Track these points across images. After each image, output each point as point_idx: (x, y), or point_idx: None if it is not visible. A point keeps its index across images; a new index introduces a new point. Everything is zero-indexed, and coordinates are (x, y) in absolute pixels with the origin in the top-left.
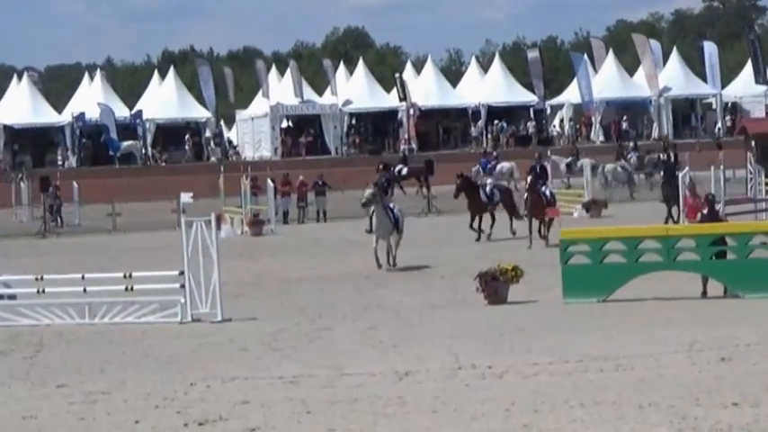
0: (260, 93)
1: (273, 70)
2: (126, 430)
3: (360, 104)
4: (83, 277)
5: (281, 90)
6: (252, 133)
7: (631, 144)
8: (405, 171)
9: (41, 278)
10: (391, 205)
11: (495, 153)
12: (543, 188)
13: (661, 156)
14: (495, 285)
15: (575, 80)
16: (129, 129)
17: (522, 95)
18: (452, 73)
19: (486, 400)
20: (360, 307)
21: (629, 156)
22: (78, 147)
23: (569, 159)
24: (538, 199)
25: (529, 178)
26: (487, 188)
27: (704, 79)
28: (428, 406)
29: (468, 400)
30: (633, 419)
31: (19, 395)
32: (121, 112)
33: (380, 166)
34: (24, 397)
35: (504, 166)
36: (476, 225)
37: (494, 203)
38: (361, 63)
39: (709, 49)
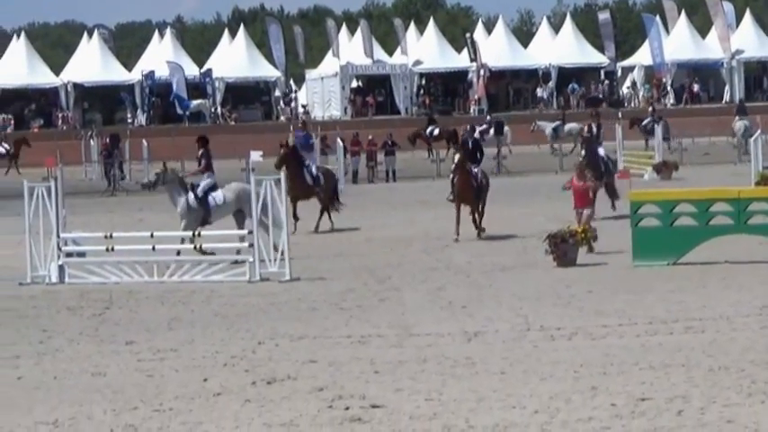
0: (330, 52)
1: (344, 29)
2: (194, 388)
3: (430, 65)
4: (152, 235)
5: (352, 50)
6: (322, 93)
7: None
8: (436, 132)
9: (110, 236)
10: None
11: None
12: (600, 151)
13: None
14: (564, 247)
15: (646, 42)
16: (198, 87)
17: (593, 57)
18: (523, 34)
19: (554, 362)
20: (428, 268)
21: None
22: (147, 105)
23: (556, 124)
24: (467, 181)
25: (456, 156)
26: (312, 169)
27: None
28: (496, 367)
29: (537, 362)
30: (703, 382)
31: (88, 352)
32: (191, 70)
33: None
34: (93, 354)
35: (574, 127)
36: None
37: (321, 186)
38: (431, 23)
39: None
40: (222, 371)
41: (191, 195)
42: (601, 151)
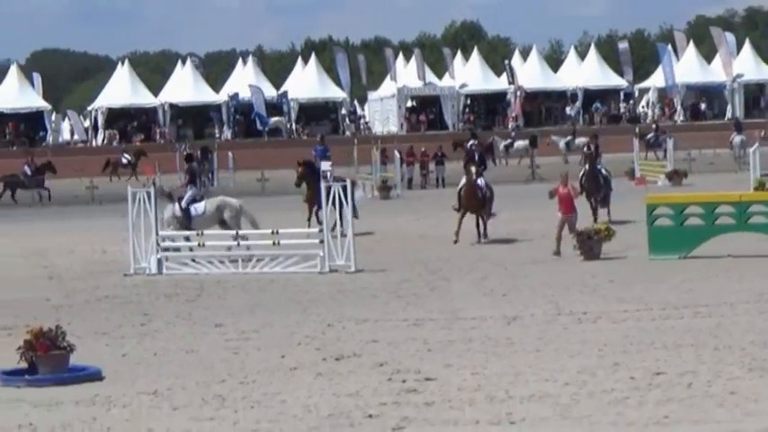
0: (388, 76)
1: (400, 57)
2: (273, 363)
3: (474, 87)
4: (237, 233)
5: (407, 74)
6: (381, 111)
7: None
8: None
9: (201, 233)
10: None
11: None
12: (598, 166)
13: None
14: (589, 243)
15: (659, 67)
16: (276, 107)
17: (614, 80)
18: (553, 60)
19: (581, 342)
20: (473, 261)
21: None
22: (232, 122)
23: (567, 139)
24: (473, 191)
25: (473, 169)
26: (329, 178)
27: None
28: (532, 346)
29: (567, 342)
30: (709, 359)
31: (182, 333)
32: (269, 92)
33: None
34: (187, 334)
35: (583, 141)
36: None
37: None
38: (475, 51)
39: None
40: (297, 349)
41: (176, 206)
42: (599, 166)
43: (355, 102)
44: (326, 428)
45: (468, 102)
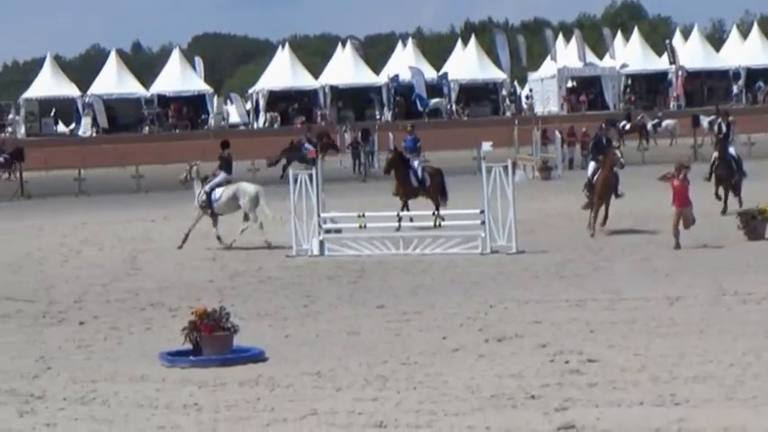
0: (548, 57)
1: (560, 38)
2: (435, 345)
3: (634, 67)
4: (398, 214)
5: (567, 55)
6: (541, 92)
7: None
8: (627, 126)
9: (363, 215)
10: (732, 151)
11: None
12: (731, 150)
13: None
14: (753, 223)
15: None
16: (436, 88)
17: None
18: (715, 40)
19: (746, 323)
20: (635, 242)
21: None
22: (393, 103)
23: (711, 118)
24: (610, 179)
25: (615, 152)
26: (418, 171)
27: None
28: (696, 327)
29: (731, 323)
30: None
31: (344, 314)
32: (429, 73)
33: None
34: (349, 316)
35: (669, 123)
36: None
37: (425, 187)
38: (636, 31)
39: None
40: (459, 330)
41: (201, 190)
42: (732, 150)
43: (515, 83)
44: (489, 409)
45: (629, 82)
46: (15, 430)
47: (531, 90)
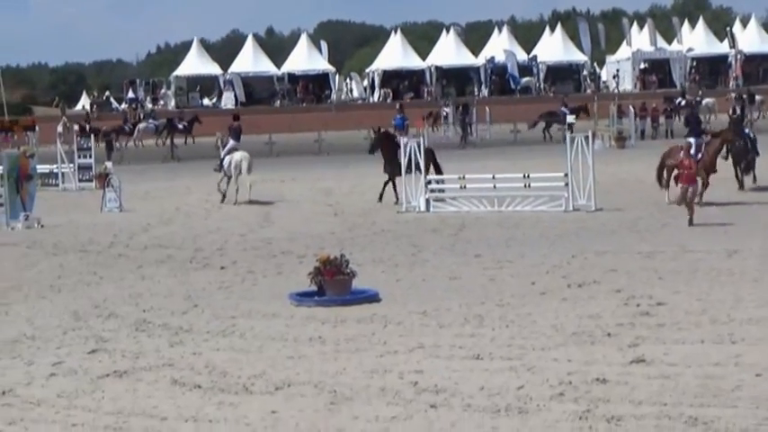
0: (624, 42)
1: (635, 26)
2: (524, 289)
3: (699, 51)
4: (493, 177)
5: (640, 40)
6: (618, 72)
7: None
8: (683, 103)
9: (463, 177)
10: (747, 131)
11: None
12: (745, 129)
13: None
14: None
15: None
16: (526, 69)
17: None
18: None
19: None
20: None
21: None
22: (489, 82)
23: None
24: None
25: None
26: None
27: None
28: (750, 276)
29: None
30: None
31: (447, 262)
32: (521, 56)
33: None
34: (451, 263)
35: (709, 101)
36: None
37: (417, 164)
38: (700, 20)
39: None
40: (545, 277)
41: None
42: (746, 130)
43: (594, 64)
44: (571, 345)
45: (694, 64)
46: (166, 358)
47: (617, 71)
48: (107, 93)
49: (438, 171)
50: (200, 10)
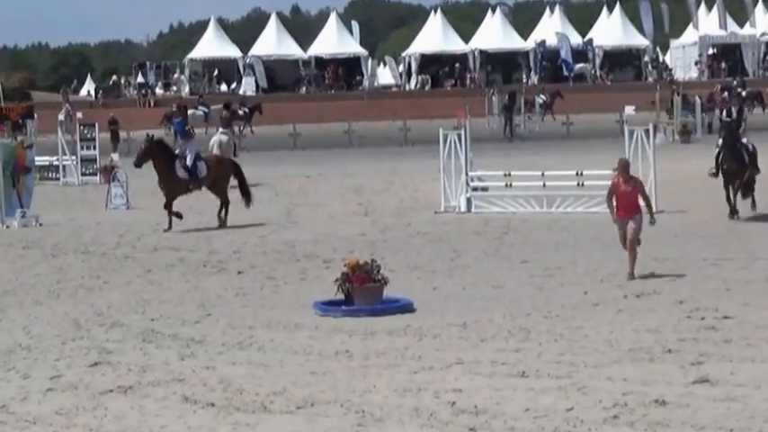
0: (690, 25)
1: (702, 6)
2: (576, 299)
3: None
4: (542, 174)
5: (708, 22)
6: (683, 58)
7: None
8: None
9: (509, 174)
10: (745, 140)
11: None
12: (743, 139)
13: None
14: None
15: None
16: (581, 53)
17: None
18: None
19: None
20: None
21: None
22: (539, 68)
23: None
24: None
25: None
26: (188, 159)
27: None
28: None
29: None
30: None
31: (489, 268)
32: (575, 39)
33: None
34: (494, 270)
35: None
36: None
37: (198, 180)
38: None
39: None
40: (599, 285)
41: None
42: (745, 140)
43: (657, 49)
44: (627, 362)
45: None
46: (176, 372)
47: (700, 55)
48: (113, 77)
49: (244, 192)
50: None
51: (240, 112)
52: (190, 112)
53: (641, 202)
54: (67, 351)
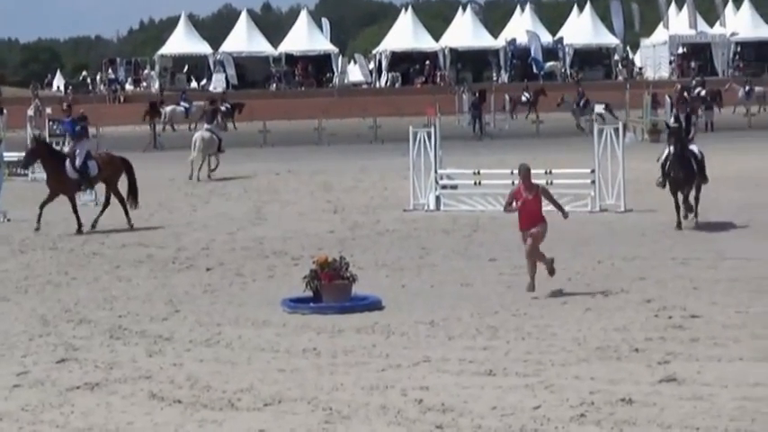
0: (661, 24)
1: (673, 5)
2: (544, 297)
3: (744, 35)
4: (512, 172)
5: (679, 22)
6: (653, 57)
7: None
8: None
9: (478, 172)
10: (693, 147)
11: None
12: (693, 147)
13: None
14: None
15: None
16: (551, 52)
17: None
18: None
19: None
20: (740, 204)
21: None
22: (510, 66)
23: (748, 88)
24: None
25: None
26: (77, 161)
27: None
28: None
29: None
30: None
31: (458, 266)
32: (546, 38)
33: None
34: (462, 268)
35: (759, 90)
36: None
37: (89, 178)
38: (746, 1)
39: None
40: (567, 284)
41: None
42: (693, 148)
43: (627, 48)
44: (595, 361)
45: (738, 49)
46: (144, 369)
47: (672, 54)
48: (83, 73)
49: (133, 191)
50: None
51: (222, 108)
52: (168, 108)
53: (550, 208)
54: (34, 347)
